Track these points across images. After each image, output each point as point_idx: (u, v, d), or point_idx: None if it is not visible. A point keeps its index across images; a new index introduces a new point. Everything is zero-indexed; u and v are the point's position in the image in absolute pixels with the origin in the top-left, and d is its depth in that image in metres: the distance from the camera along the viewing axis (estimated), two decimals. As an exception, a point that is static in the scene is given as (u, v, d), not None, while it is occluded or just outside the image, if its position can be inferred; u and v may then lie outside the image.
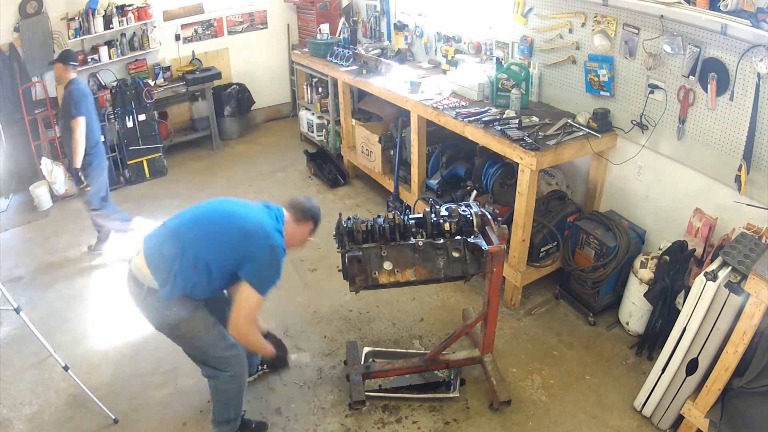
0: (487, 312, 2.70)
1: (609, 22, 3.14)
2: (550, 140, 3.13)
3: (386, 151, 4.57)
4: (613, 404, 2.78)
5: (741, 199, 2.70)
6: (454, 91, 3.96)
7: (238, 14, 6.07)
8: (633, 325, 3.15)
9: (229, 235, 2.21)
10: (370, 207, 4.75)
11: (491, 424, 2.69)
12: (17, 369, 3.06)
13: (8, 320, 3.36)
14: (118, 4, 5.14)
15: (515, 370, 3.00)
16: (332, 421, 2.72)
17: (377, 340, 3.23)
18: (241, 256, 2.17)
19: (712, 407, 2.38)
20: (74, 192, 5.06)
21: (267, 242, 2.18)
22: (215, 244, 2.21)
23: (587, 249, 3.24)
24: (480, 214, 2.59)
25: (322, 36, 5.28)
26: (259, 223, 2.22)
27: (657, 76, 2.99)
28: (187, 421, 2.74)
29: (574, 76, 3.49)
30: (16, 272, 3.95)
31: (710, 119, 2.80)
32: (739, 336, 2.19)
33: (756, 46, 2.45)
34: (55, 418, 2.76)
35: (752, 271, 2.10)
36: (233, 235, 2.20)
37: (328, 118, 5.47)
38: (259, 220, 2.24)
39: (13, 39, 4.74)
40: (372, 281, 2.42)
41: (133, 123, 5.10)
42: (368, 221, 2.53)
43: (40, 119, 4.93)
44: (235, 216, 2.27)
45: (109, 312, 3.52)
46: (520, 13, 3.70)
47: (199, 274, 2.19)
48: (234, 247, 2.18)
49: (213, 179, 5.33)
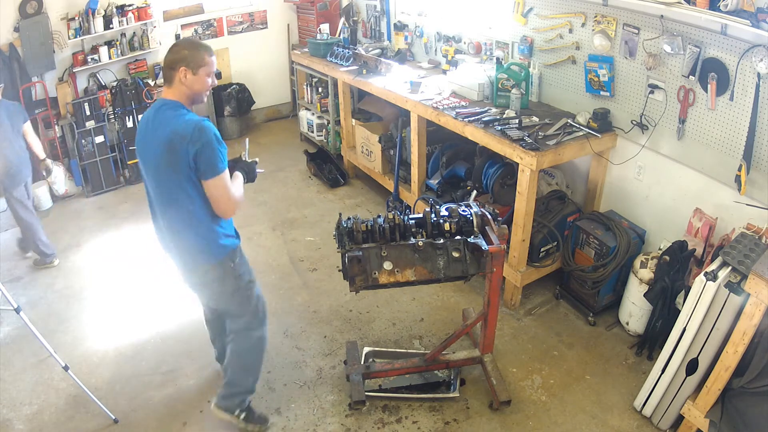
0: (487, 312, 2.70)
1: (609, 22, 3.14)
2: (550, 140, 3.13)
3: (386, 151, 4.57)
4: (613, 404, 2.78)
5: (741, 199, 2.70)
6: (454, 91, 3.96)
7: (238, 14, 6.07)
8: (633, 325, 3.15)
9: (164, 165, 2.11)
10: (370, 207, 4.75)
11: (491, 424, 2.69)
12: (17, 369, 3.06)
13: (8, 320, 3.37)
14: (118, 4, 5.14)
15: (515, 370, 3.00)
16: (332, 421, 2.72)
17: (377, 340, 3.23)
18: (185, 166, 2.06)
19: (712, 407, 2.38)
20: (74, 192, 5.07)
21: (191, 137, 2.03)
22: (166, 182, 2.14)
23: (587, 249, 3.25)
24: (480, 214, 2.59)
25: (322, 36, 5.29)
26: (169, 133, 2.06)
27: (657, 76, 2.99)
28: (187, 421, 2.74)
29: (574, 76, 3.49)
30: (16, 272, 3.95)
31: (710, 119, 2.80)
32: (739, 336, 2.19)
33: (756, 46, 2.45)
34: (55, 418, 2.76)
35: (752, 271, 2.10)
36: (166, 161, 2.09)
37: (328, 118, 5.47)
38: (167, 131, 2.07)
39: (13, 39, 4.74)
40: (372, 281, 2.42)
41: (133, 123, 5.10)
42: (368, 221, 2.53)
43: (40, 119, 4.92)
44: (154, 149, 2.13)
45: (108, 312, 3.52)
46: (520, 13, 3.70)
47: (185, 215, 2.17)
48: (175, 166, 2.07)
49: (213, 179, 5.32)
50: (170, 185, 2.14)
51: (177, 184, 2.12)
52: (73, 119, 4.84)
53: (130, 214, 4.73)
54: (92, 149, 4.96)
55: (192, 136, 2.04)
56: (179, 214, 2.18)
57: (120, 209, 4.84)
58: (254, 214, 4.65)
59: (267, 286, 3.72)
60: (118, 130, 5.06)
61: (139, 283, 3.80)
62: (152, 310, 3.53)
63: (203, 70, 2.13)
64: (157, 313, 3.50)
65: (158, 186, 2.20)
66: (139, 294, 3.69)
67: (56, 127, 4.94)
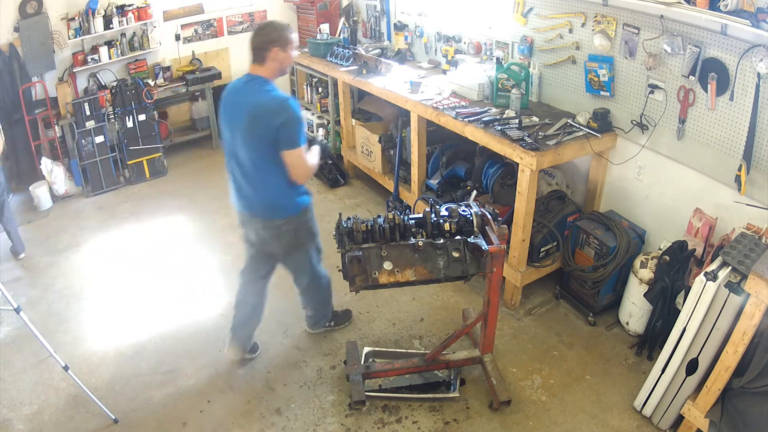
0: (487, 312, 2.70)
1: (609, 22, 3.14)
2: (550, 140, 3.13)
3: (386, 151, 4.56)
4: (613, 404, 2.78)
5: (741, 199, 2.70)
6: (454, 91, 3.96)
7: (238, 14, 6.07)
8: (633, 325, 3.15)
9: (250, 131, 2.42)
10: (370, 207, 4.75)
11: (491, 424, 2.69)
12: (17, 369, 3.06)
13: (8, 320, 3.37)
14: (118, 4, 5.13)
15: (515, 370, 3.00)
16: (332, 421, 2.72)
17: (377, 340, 3.23)
18: (269, 135, 2.37)
19: (712, 407, 2.38)
20: (74, 192, 5.07)
21: (277, 111, 2.35)
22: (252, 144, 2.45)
23: (587, 249, 3.25)
24: (480, 214, 2.59)
25: (322, 36, 5.28)
26: (257, 105, 2.38)
27: (657, 76, 2.99)
28: (187, 421, 2.74)
29: (574, 76, 3.49)
30: (16, 272, 3.95)
31: (710, 119, 2.80)
32: (739, 336, 2.19)
33: (756, 46, 2.45)
34: (55, 418, 2.76)
35: (752, 271, 2.10)
36: (252, 128, 2.40)
37: (328, 118, 5.47)
38: (255, 103, 2.39)
39: (13, 39, 4.74)
40: (372, 281, 2.42)
41: (133, 123, 5.10)
42: (368, 221, 2.53)
43: (40, 119, 4.92)
44: (241, 116, 2.43)
45: (108, 312, 3.52)
46: (520, 13, 3.70)
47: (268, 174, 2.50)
48: (260, 133, 2.39)
49: (213, 179, 5.33)
50: (255, 147, 2.45)
51: (261, 147, 2.43)
52: (73, 119, 4.84)
53: (130, 214, 4.73)
54: (92, 149, 4.96)
55: (278, 111, 2.35)
56: (263, 173, 2.51)
57: (120, 209, 4.84)
58: (254, 214, 4.65)
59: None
60: (118, 130, 5.06)
61: (139, 283, 3.80)
62: (152, 310, 3.53)
63: (290, 47, 2.47)
64: (157, 313, 3.50)
65: (244, 147, 2.48)
66: (139, 294, 3.69)
67: (56, 127, 4.93)
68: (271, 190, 2.55)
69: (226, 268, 3.93)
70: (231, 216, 4.60)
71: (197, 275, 3.87)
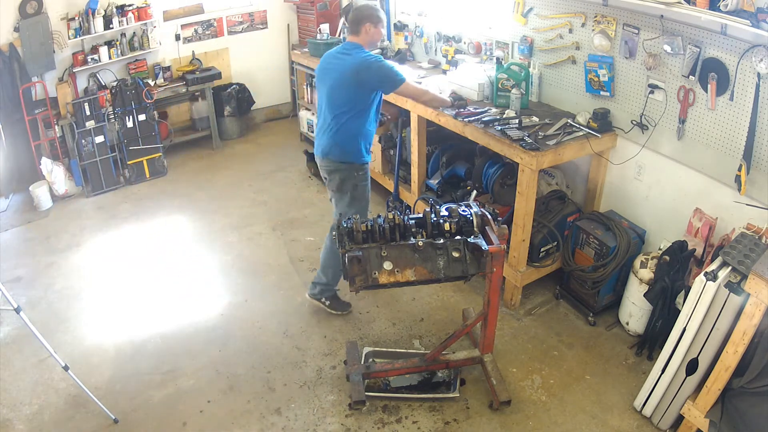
0: (487, 312, 2.70)
1: (609, 22, 3.14)
2: (550, 140, 3.13)
3: (386, 151, 4.57)
4: (613, 404, 2.78)
5: (741, 199, 2.70)
6: (454, 91, 3.95)
7: (238, 14, 6.07)
8: (633, 325, 3.15)
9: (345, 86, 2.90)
10: (370, 207, 4.74)
11: (491, 424, 2.69)
12: (17, 369, 3.06)
13: (8, 320, 3.37)
14: (118, 4, 5.14)
15: (515, 370, 3.00)
16: (332, 421, 2.72)
17: (377, 340, 3.23)
18: (367, 88, 2.89)
19: (712, 407, 2.38)
20: (74, 192, 5.07)
21: (367, 67, 2.85)
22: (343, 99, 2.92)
23: (587, 249, 3.25)
24: (480, 214, 2.59)
25: (322, 36, 5.28)
26: (354, 64, 2.86)
27: (657, 76, 2.99)
28: (187, 421, 2.74)
29: (574, 76, 3.49)
30: (16, 272, 3.95)
31: (710, 119, 2.80)
32: (739, 336, 2.19)
33: (756, 46, 2.45)
34: (55, 418, 2.76)
35: (752, 271, 2.10)
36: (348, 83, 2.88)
37: (328, 118, 5.47)
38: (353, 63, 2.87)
39: (13, 39, 4.74)
40: (372, 281, 2.42)
41: (133, 123, 5.10)
42: (368, 221, 2.53)
43: (40, 119, 4.92)
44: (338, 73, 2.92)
45: (108, 312, 3.52)
46: (520, 13, 3.70)
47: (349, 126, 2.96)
48: (357, 88, 2.88)
49: (213, 179, 5.33)
50: (345, 101, 2.91)
51: (351, 101, 2.90)
52: (73, 119, 4.84)
53: (130, 214, 4.73)
54: (92, 149, 4.96)
55: (371, 66, 2.86)
56: (345, 124, 2.94)
57: (120, 209, 4.84)
58: (254, 214, 4.65)
59: (267, 286, 3.73)
60: (118, 130, 5.05)
61: (139, 283, 3.80)
62: (152, 310, 3.53)
63: (380, 24, 2.99)
64: (157, 313, 3.50)
65: (336, 100, 2.93)
66: (139, 294, 3.69)
67: (56, 127, 4.93)
68: (340, 135, 2.96)
69: (226, 268, 3.93)
70: (231, 216, 4.62)
71: (197, 275, 3.87)
